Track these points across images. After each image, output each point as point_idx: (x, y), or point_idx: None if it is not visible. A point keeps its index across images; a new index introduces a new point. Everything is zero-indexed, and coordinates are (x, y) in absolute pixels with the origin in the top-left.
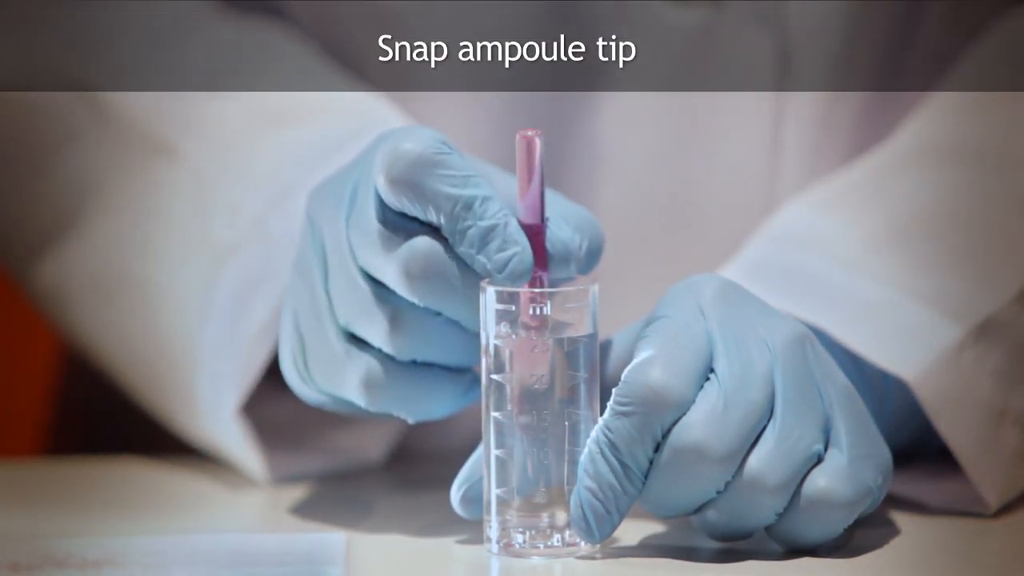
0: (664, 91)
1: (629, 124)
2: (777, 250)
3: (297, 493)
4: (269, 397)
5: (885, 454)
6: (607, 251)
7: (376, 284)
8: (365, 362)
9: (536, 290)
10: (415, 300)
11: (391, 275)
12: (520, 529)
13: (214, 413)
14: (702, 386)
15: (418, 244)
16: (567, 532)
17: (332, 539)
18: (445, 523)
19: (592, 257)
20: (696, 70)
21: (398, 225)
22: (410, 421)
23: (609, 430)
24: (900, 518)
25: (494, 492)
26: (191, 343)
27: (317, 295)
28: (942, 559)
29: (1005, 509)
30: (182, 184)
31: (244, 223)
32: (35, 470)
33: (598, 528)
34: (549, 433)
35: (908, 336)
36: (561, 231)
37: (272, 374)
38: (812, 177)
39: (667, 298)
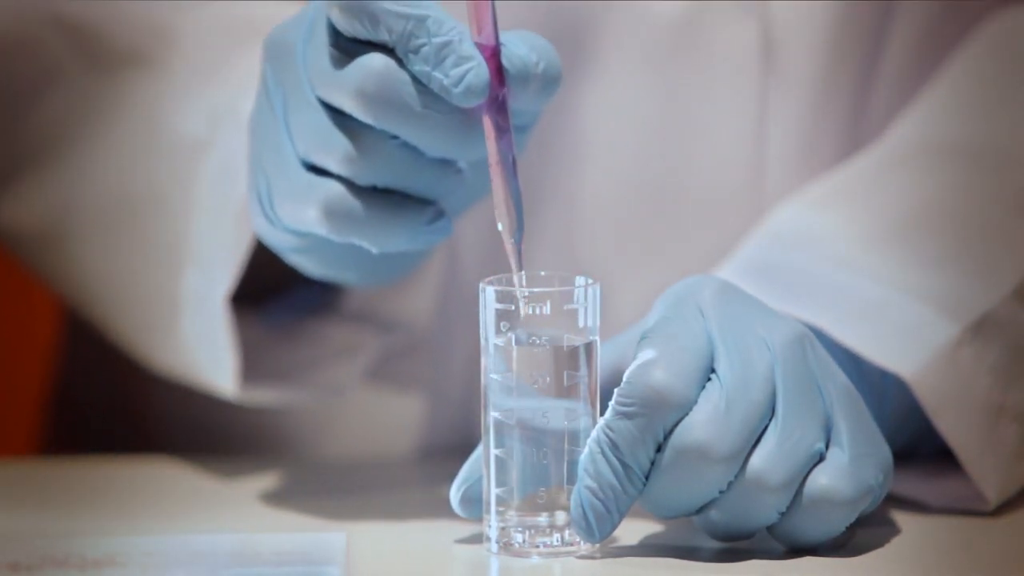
0: (648, 81)
1: (614, 114)
2: (773, 248)
3: (297, 493)
4: (248, 321)
5: (886, 452)
6: (592, 240)
7: (333, 111)
8: (326, 189)
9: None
10: (371, 120)
11: (346, 97)
12: (520, 529)
13: (200, 308)
14: (703, 387)
15: (372, 62)
16: (567, 532)
17: (331, 539)
18: (445, 523)
19: (550, 82)
20: (681, 60)
21: (351, 50)
22: (374, 251)
23: (611, 430)
24: (900, 517)
25: (494, 492)
26: (176, 243)
27: (278, 132)
28: (942, 559)
29: (1005, 507)
30: (161, 93)
31: (220, 120)
32: (35, 470)
33: (598, 528)
34: (549, 433)
35: (905, 334)
36: (517, 48)
37: (247, 299)
38: (798, 166)
39: (666, 299)
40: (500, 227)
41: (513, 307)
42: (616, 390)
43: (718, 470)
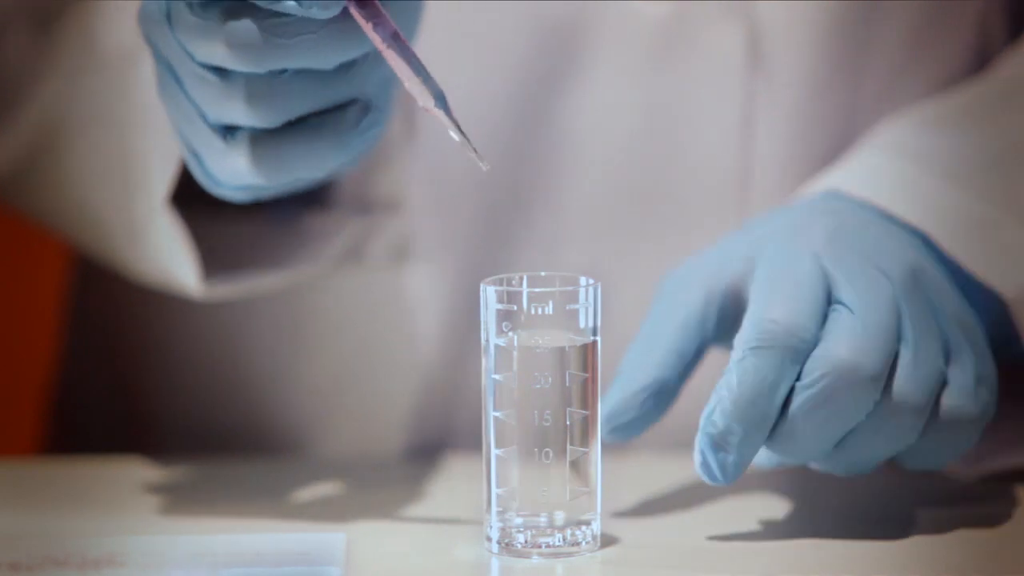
0: (636, 81)
1: (601, 114)
2: (884, 156)
3: (297, 493)
4: (209, 217)
5: (995, 373)
6: (580, 240)
7: (220, 71)
8: (244, 144)
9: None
10: (253, 69)
11: (224, 56)
12: (520, 529)
13: (157, 214)
14: (823, 322)
15: (232, 16)
16: (567, 531)
17: (332, 539)
18: (445, 523)
19: None
20: (668, 60)
21: (209, 7)
22: (321, 176)
23: (742, 371)
24: (899, 516)
25: (494, 492)
26: (127, 155)
27: (183, 104)
28: (942, 557)
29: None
30: (92, 8)
31: None
32: (35, 470)
33: (722, 472)
34: (549, 433)
35: (1011, 254)
36: None
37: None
38: (786, 165)
39: (774, 234)
40: (420, 104)
41: (515, 307)
42: (739, 336)
43: (868, 389)
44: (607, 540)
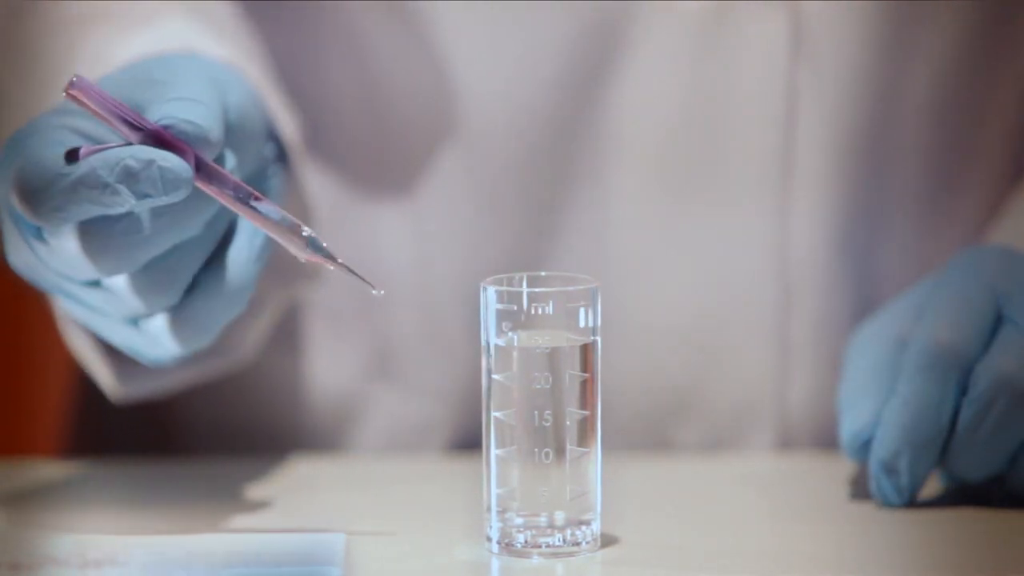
0: (678, 75)
1: (644, 108)
2: None
3: (297, 493)
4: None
5: None
6: (623, 231)
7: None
8: (159, 330)
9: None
10: (131, 269)
11: (96, 271)
12: (520, 529)
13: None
14: (990, 340)
15: (88, 239)
16: (567, 531)
17: (331, 539)
18: (445, 523)
19: (215, 128)
20: (710, 53)
21: (60, 234)
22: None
23: (908, 393)
24: (899, 516)
25: (494, 492)
26: None
27: (84, 310)
28: (941, 557)
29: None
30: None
31: None
32: (36, 470)
33: (897, 495)
34: (549, 433)
35: None
36: (175, 113)
37: None
38: (828, 158)
39: (948, 269)
40: (299, 258)
41: (515, 307)
42: (907, 356)
43: None
44: (607, 540)
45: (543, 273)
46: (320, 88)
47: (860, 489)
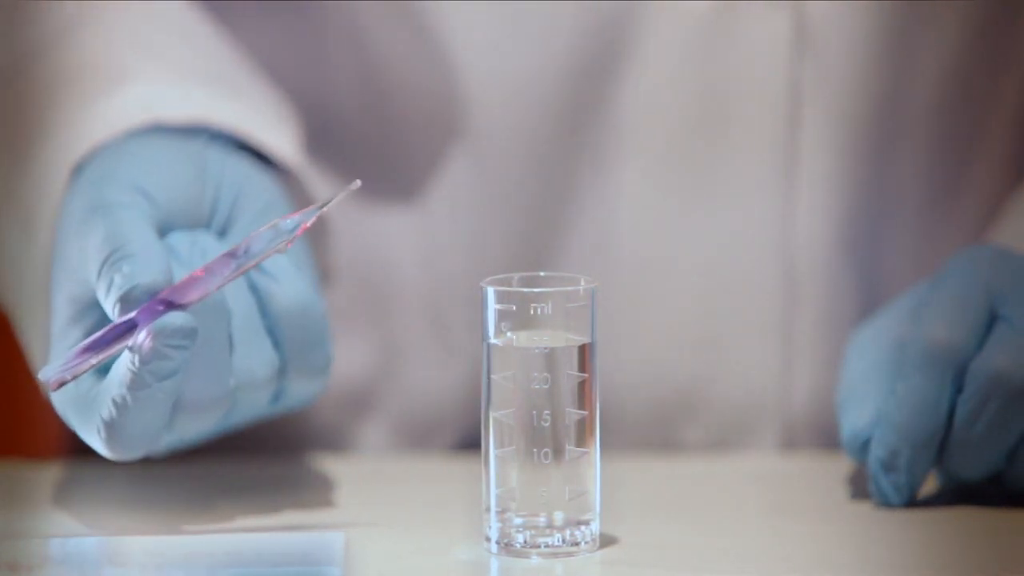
0: (683, 74)
1: (649, 107)
2: None
3: (297, 493)
4: None
5: None
6: (629, 230)
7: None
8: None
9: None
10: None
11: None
12: (520, 529)
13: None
14: (985, 337)
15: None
16: (567, 531)
17: (331, 538)
18: (445, 523)
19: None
20: (714, 52)
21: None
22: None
23: (903, 392)
24: (899, 516)
25: (494, 492)
26: None
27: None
28: (939, 557)
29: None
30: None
31: None
32: (35, 470)
33: (896, 494)
34: (548, 433)
35: None
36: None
37: None
38: (832, 156)
39: (943, 269)
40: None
41: (514, 307)
42: (904, 355)
43: None
44: (607, 540)
45: (542, 273)
46: (325, 88)
47: (860, 489)
